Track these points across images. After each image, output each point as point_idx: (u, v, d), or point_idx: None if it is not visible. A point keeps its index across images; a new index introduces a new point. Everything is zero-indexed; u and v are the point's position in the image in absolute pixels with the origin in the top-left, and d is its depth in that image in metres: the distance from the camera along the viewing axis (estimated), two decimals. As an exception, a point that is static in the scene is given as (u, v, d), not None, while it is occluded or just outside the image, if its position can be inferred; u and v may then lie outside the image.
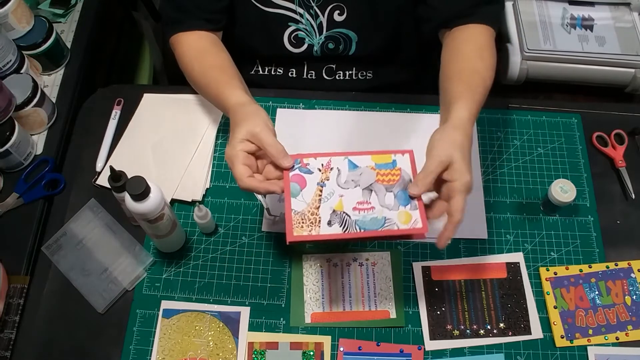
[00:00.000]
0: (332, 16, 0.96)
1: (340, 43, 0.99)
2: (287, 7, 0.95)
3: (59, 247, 0.88)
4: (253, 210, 0.91)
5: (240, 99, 0.80)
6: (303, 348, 0.80)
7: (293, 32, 0.98)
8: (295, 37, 0.99)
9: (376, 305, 0.83)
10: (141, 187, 0.72)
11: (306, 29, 0.97)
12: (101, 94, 1.04)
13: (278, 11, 0.95)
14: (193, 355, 0.80)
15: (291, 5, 0.94)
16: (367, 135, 0.97)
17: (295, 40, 0.99)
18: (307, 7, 0.94)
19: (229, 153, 0.73)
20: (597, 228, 0.89)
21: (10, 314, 0.83)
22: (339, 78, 1.05)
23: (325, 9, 0.95)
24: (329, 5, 0.94)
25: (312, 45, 0.99)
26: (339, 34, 0.98)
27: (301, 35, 0.98)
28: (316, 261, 0.86)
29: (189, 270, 0.86)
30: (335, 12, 0.95)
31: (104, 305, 0.83)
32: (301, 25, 0.97)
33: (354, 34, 0.98)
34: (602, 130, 0.96)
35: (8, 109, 0.90)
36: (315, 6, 0.94)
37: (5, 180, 0.95)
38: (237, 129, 0.74)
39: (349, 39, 0.98)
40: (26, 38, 1.02)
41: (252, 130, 0.73)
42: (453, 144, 0.70)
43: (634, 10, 1.21)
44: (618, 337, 0.80)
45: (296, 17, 0.96)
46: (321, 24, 0.96)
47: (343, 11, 0.95)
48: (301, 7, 0.94)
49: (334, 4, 0.94)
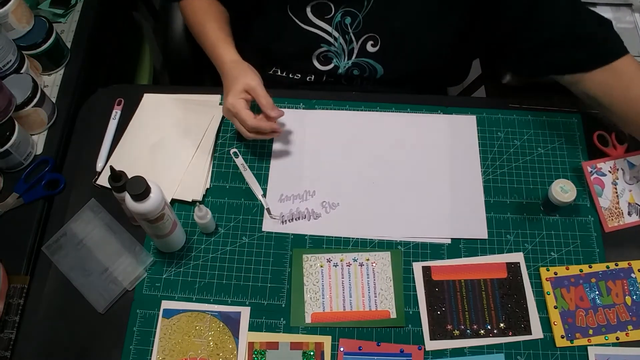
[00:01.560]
0: (365, 46, 0.96)
1: (365, 72, 0.99)
2: (323, 28, 0.94)
3: (59, 247, 0.88)
4: (253, 210, 0.91)
5: (234, 56, 0.90)
6: (303, 348, 0.80)
7: (323, 52, 0.98)
8: (325, 56, 0.99)
9: (376, 305, 0.83)
10: (141, 187, 0.72)
11: (337, 51, 0.97)
12: (101, 94, 1.04)
13: (314, 30, 0.95)
14: (193, 355, 0.80)
15: (328, 28, 0.94)
16: (367, 135, 0.97)
17: (324, 59, 0.99)
18: (343, 32, 0.94)
19: (231, 102, 0.84)
20: (597, 228, 0.88)
21: (10, 314, 0.83)
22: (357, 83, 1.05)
23: (360, 37, 0.95)
24: (364, 34, 0.94)
25: (338, 67, 0.99)
26: (366, 64, 0.98)
27: (330, 55, 0.98)
28: (316, 261, 0.86)
29: (189, 270, 0.86)
30: (369, 42, 0.95)
31: (104, 305, 0.83)
32: (333, 48, 0.97)
33: (381, 67, 0.98)
34: (602, 130, 0.95)
35: (8, 109, 0.90)
36: (352, 32, 0.94)
37: (5, 180, 0.95)
38: (236, 82, 0.85)
39: (374, 69, 0.99)
40: (26, 38, 1.02)
41: (250, 83, 0.84)
42: None
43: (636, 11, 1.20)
44: (618, 337, 0.80)
45: (330, 40, 0.96)
46: (353, 50, 0.96)
47: (377, 43, 0.95)
48: (337, 31, 0.94)
49: (369, 34, 0.94)
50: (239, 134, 0.98)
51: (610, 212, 0.89)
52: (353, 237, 0.88)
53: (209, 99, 1.02)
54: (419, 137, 0.96)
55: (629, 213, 0.89)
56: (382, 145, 0.96)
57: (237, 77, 0.86)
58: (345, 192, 0.92)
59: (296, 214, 0.90)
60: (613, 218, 0.89)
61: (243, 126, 0.88)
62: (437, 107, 0.99)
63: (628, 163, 0.93)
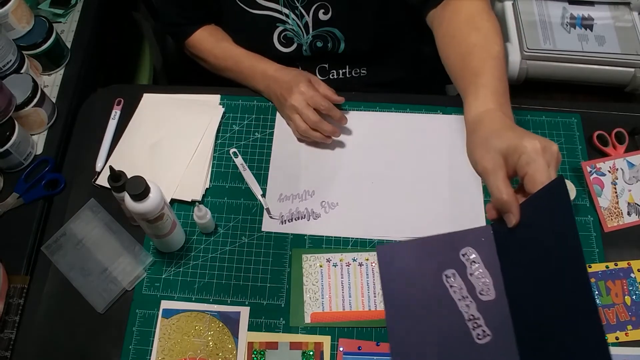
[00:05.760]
0: (317, 15, 0.96)
1: (328, 41, 0.99)
2: (272, 7, 0.95)
3: (58, 247, 0.88)
4: (252, 210, 0.91)
5: (276, 65, 0.96)
6: (303, 348, 0.80)
7: (282, 32, 0.98)
8: (285, 37, 0.99)
9: (376, 305, 0.83)
10: (141, 187, 0.72)
11: (293, 29, 0.97)
12: (101, 94, 1.05)
13: (264, 12, 0.96)
14: (193, 355, 0.80)
15: (276, 7, 0.95)
16: (367, 135, 0.97)
17: (285, 40, 1.00)
18: (292, 8, 0.94)
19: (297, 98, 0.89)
20: (596, 228, 0.88)
21: (10, 314, 0.83)
22: (332, 77, 1.05)
23: (310, 8, 0.95)
24: (313, 4, 0.94)
25: (300, 45, 0.99)
26: (326, 33, 0.98)
27: (289, 35, 0.98)
28: (316, 261, 0.86)
29: (188, 270, 0.87)
30: (320, 11, 0.95)
31: (103, 305, 0.83)
32: (288, 26, 0.97)
33: (341, 33, 0.98)
34: (601, 130, 0.95)
35: (8, 109, 0.90)
36: (300, 6, 0.94)
37: (5, 180, 0.95)
38: (296, 79, 0.90)
39: (336, 37, 0.98)
40: (26, 38, 1.02)
41: (309, 77, 0.90)
42: (500, 138, 0.62)
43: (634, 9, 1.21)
44: (618, 337, 0.80)
45: (282, 18, 0.96)
46: (307, 23, 0.96)
47: (328, 10, 0.95)
48: (286, 7, 0.94)
49: (318, 3, 0.94)
50: (238, 134, 0.98)
51: (609, 212, 0.89)
52: (352, 237, 0.88)
53: (209, 99, 1.02)
54: (419, 137, 0.96)
55: (628, 213, 0.89)
56: (381, 145, 0.96)
57: (296, 76, 0.90)
58: (344, 192, 0.92)
59: (296, 213, 0.90)
60: (612, 218, 0.89)
61: (307, 122, 0.90)
62: (437, 107, 0.99)
63: (627, 163, 0.93)
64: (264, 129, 0.99)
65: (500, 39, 0.77)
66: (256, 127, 0.99)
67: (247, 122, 0.99)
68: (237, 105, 1.01)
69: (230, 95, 1.02)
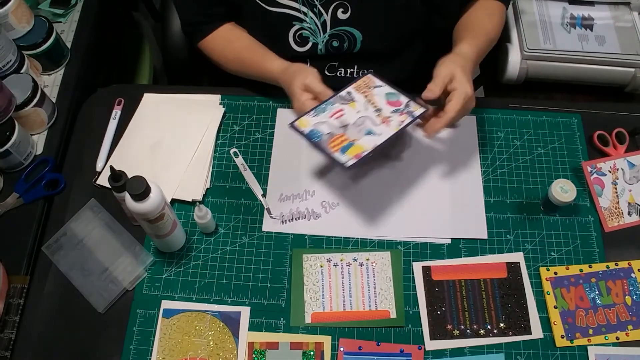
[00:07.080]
0: (335, 14, 0.96)
1: (344, 41, 0.99)
2: (291, 6, 0.95)
3: (59, 247, 0.88)
4: (253, 210, 0.91)
5: (281, 65, 0.94)
6: (303, 348, 0.80)
7: (297, 31, 0.98)
8: (300, 35, 0.99)
9: (376, 305, 0.83)
10: (141, 187, 0.72)
11: (310, 27, 0.97)
12: (101, 94, 1.05)
13: (282, 10, 0.95)
14: (193, 355, 0.80)
15: (295, 5, 0.94)
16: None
17: (300, 39, 0.99)
18: (310, 6, 0.94)
19: (297, 106, 0.89)
20: (597, 228, 0.88)
21: (10, 314, 0.83)
22: (340, 75, 1.05)
23: (329, 7, 0.95)
24: (332, 3, 0.94)
25: (316, 44, 0.99)
26: (344, 32, 0.98)
27: (305, 34, 0.98)
28: (316, 261, 0.86)
29: (189, 270, 0.87)
30: (339, 10, 0.95)
31: (104, 305, 0.83)
32: (305, 24, 0.97)
33: (359, 33, 0.97)
34: (602, 130, 0.96)
35: (8, 109, 0.90)
36: (319, 5, 0.94)
37: (5, 180, 0.95)
38: (292, 88, 0.89)
39: (353, 37, 0.98)
40: (26, 38, 1.02)
41: (303, 81, 0.88)
42: (454, 63, 0.85)
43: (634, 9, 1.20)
44: (618, 337, 0.80)
45: (300, 16, 0.96)
46: (325, 22, 0.96)
47: (347, 9, 0.95)
48: (305, 5, 0.94)
49: (337, 2, 0.94)
50: (239, 133, 0.98)
51: (610, 212, 0.89)
52: (353, 237, 0.88)
53: (209, 99, 1.02)
54: (419, 137, 0.96)
55: (629, 213, 0.89)
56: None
57: (292, 83, 0.90)
58: (344, 192, 0.92)
59: (296, 213, 0.90)
60: (613, 218, 0.89)
61: None
62: (438, 107, 0.99)
63: (628, 163, 0.93)
64: (265, 129, 0.99)
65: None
66: (257, 127, 0.99)
67: (248, 122, 0.99)
68: (238, 105, 1.01)
69: (231, 95, 1.02)
